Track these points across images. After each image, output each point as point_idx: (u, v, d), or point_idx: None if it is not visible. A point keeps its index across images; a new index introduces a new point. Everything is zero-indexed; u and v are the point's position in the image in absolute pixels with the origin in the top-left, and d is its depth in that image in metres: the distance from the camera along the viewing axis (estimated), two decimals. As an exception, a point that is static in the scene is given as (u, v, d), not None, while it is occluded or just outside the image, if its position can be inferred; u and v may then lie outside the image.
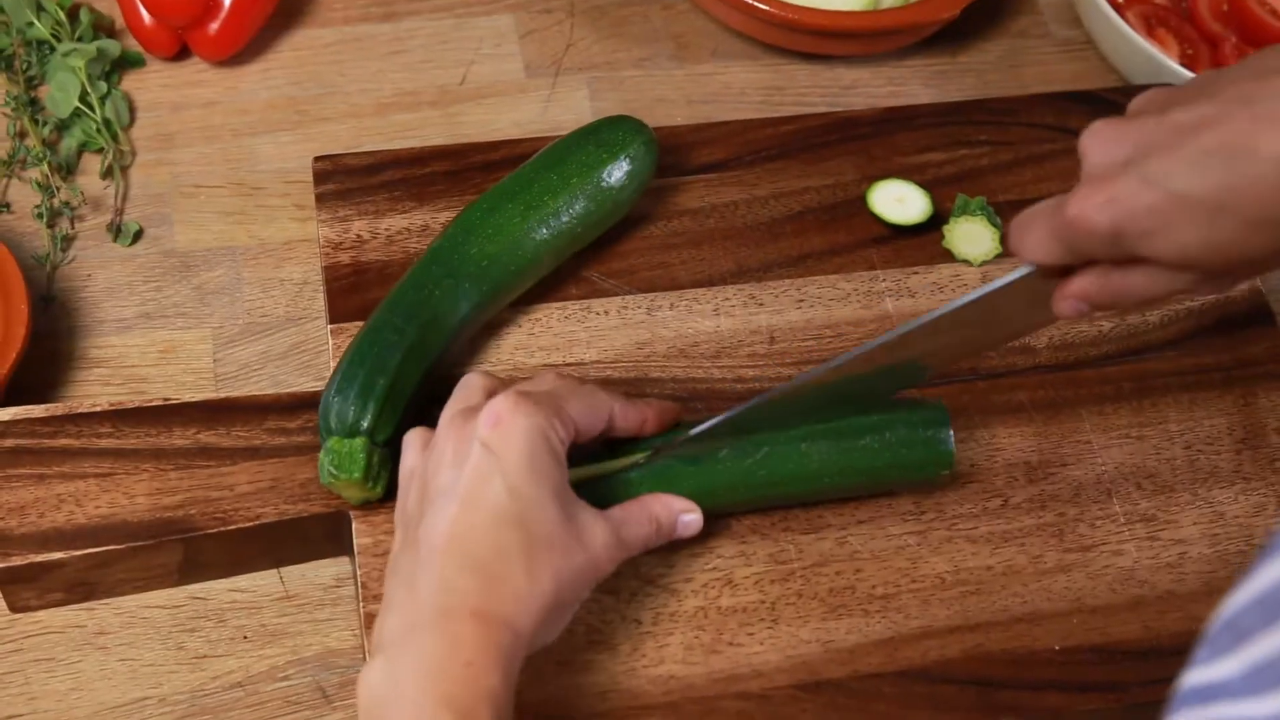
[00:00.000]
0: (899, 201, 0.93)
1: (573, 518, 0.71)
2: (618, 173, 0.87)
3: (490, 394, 0.73)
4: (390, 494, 0.80)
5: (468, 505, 0.69)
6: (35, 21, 1.00)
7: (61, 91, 0.97)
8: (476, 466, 0.69)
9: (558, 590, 0.69)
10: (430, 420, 0.82)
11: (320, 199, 0.91)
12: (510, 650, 0.67)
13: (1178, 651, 0.80)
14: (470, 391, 0.75)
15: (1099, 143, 0.65)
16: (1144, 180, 0.63)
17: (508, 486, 0.69)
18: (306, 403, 0.83)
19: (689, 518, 0.77)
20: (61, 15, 1.00)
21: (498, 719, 0.64)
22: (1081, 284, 0.69)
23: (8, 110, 0.98)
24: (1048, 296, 0.72)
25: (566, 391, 0.74)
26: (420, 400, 0.81)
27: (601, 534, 0.72)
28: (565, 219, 0.86)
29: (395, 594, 0.69)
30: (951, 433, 0.80)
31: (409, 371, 0.80)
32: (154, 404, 0.82)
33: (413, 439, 0.76)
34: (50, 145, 0.97)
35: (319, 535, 0.81)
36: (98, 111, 0.97)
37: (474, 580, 0.67)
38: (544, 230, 0.85)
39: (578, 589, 0.71)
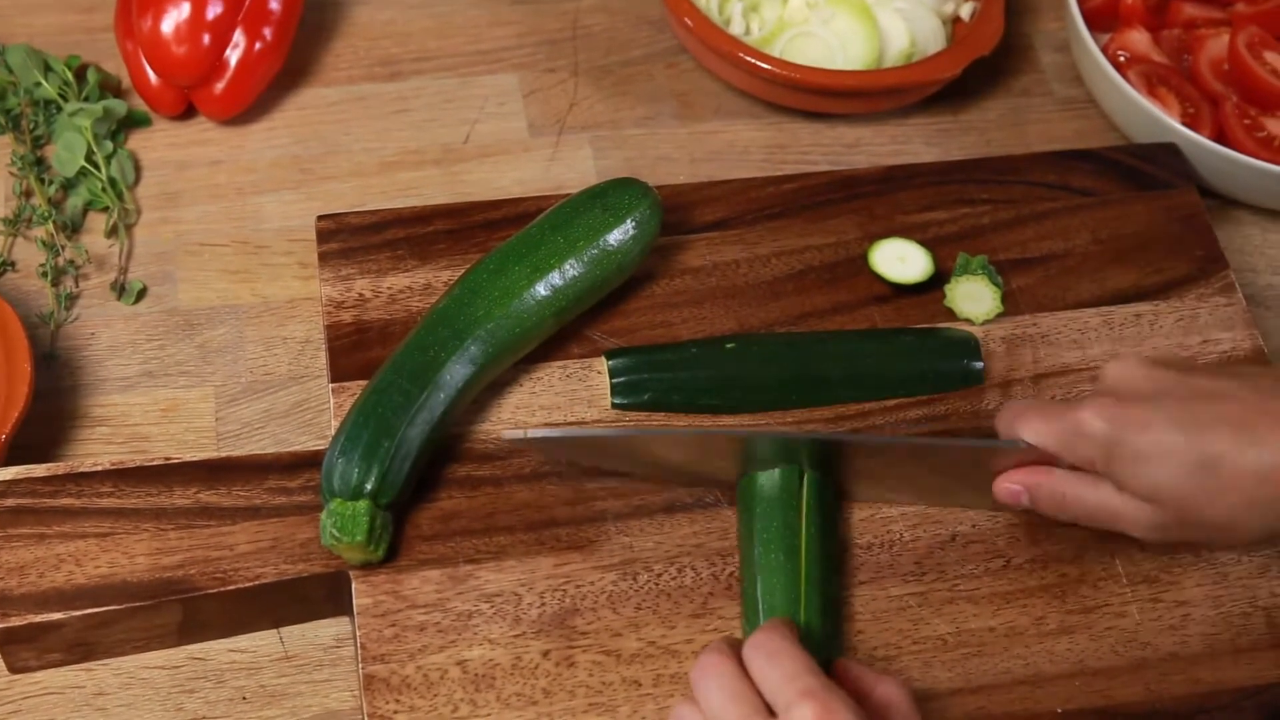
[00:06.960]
0: (900, 260, 0.93)
1: None
2: (623, 236, 0.87)
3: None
4: (391, 556, 0.80)
5: None
6: (43, 81, 1.00)
7: (68, 151, 0.97)
8: None
9: None
10: (432, 480, 0.83)
11: (323, 258, 0.91)
12: None
13: (1180, 715, 0.80)
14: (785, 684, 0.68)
15: (1125, 371, 0.75)
16: (1155, 412, 0.71)
17: None
18: (307, 462, 0.83)
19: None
20: (69, 75, 1.01)
21: None
22: (1033, 476, 0.77)
23: (14, 169, 0.98)
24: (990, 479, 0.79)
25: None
26: (423, 463, 0.81)
27: None
28: (571, 282, 0.86)
29: None
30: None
31: (414, 434, 0.80)
32: (155, 463, 0.82)
33: None
34: (56, 204, 0.98)
35: (319, 595, 0.81)
36: (103, 170, 0.98)
37: None
38: (549, 293, 0.85)
39: None
